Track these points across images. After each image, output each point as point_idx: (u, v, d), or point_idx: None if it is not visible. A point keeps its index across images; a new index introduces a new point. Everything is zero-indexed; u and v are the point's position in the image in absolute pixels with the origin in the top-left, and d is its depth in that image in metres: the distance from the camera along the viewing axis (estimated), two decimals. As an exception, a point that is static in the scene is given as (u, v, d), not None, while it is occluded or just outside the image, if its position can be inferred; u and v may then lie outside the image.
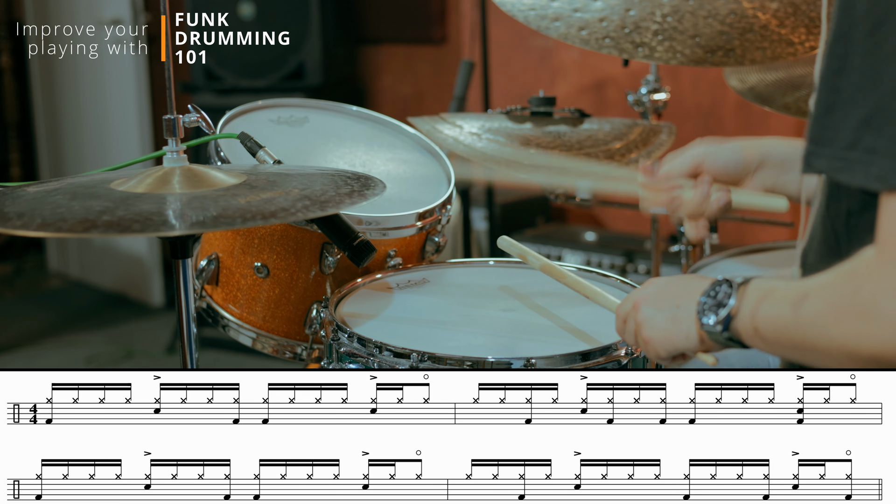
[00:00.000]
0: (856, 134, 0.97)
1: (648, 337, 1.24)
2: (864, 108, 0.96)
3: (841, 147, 0.98)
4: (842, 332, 0.98)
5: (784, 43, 1.95)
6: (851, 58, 0.98)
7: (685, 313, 1.19)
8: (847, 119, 0.98)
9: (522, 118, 2.12)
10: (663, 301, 1.23)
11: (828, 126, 1.00)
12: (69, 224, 1.24)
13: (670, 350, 1.22)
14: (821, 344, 1.01)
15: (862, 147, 0.96)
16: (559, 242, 3.66)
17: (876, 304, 0.94)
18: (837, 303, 0.98)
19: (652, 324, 1.23)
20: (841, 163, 0.98)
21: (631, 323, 1.27)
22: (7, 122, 5.40)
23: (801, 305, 1.02)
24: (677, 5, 1.98)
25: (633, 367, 1.42)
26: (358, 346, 1.44)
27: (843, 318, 0.97)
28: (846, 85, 0.98)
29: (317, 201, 1.36)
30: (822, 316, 1.00)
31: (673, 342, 1.21)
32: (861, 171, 0.97)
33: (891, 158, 0.94)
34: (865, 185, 0.97)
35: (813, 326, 1.01)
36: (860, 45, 0.97)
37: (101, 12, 4.65)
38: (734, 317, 1.11)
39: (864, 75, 0.97)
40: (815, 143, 1.01)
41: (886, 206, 0.96)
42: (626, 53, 1.92)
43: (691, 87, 3.72)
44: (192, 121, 1.57)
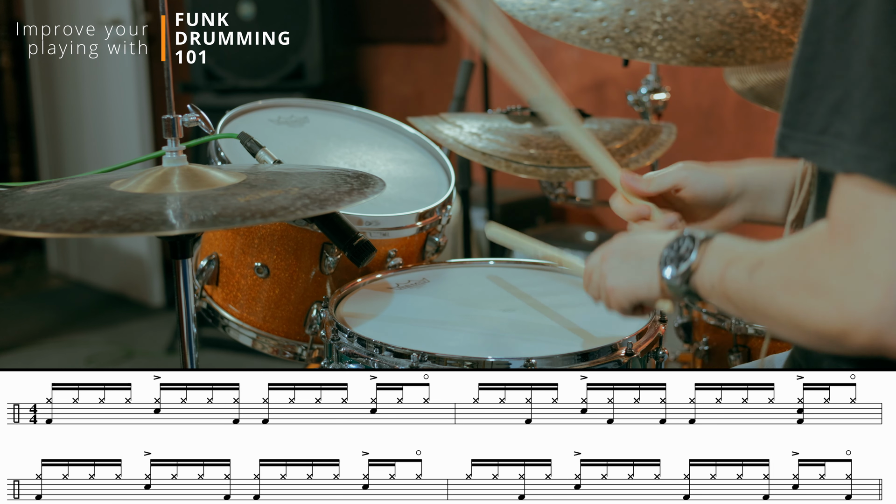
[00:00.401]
0: (827, 119, 0.99)
1: (612, 286, 1.27)
2: (835, 93, 0.99)
3: (813, 131, 1.01)
4: (790, 303, 1.01)
5: (784, 43, 1.95)
6: (824, 44, 1.00)
7: (648, 264, 1.21)
8: (820, 104, 1.00)
9: (522, 118, 2.12)
10: (629, 253, 1.26)
11: (801, 111, 1.02)
12: (69, 224, 1.24)
13: (632, 300, 1.26)
14: (769, 311, 1.04)
15: (832, 132, 0.99)
16: (559, 242, 3.66)
17: (825, 280, 0.97)
18: (789, 275, 1.01)
19: (616, 274, 1.26)
20: (813, 146, 1.01)
21: (597, 274, 1.31)
22: (7, 122, 5.40)
23: (756, 272, 1.05)
24: (677, 5, 1.98)
25: (633, 367, 1.42)
26: (358, 346, 1.44)
27: (793, 289, 1.00)
28: (819, 70, 1.00)
29: (316, 200, 1.36)
30: (774, 285, 1.03)
31: (635, 292, 1.24)
32: (830, 154, 0.99)
33: (851, 143, 0.97)
34: (832, 168, 1.00)
35: (764, 294, 1.04)
36: (832, 31, 0.99)
37: (101, 12, 4.65)
38: (694, 271, 1.14)
39: (835, 61, 0.99)
40: (789, 127, 1.04)
41: (840, 188, 0.98)
42: (626, 53, 1.92)
43: (691, 87, 3.72)
44: (192, 121, 1.57)
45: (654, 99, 2.36)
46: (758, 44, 1.95)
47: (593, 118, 2.16)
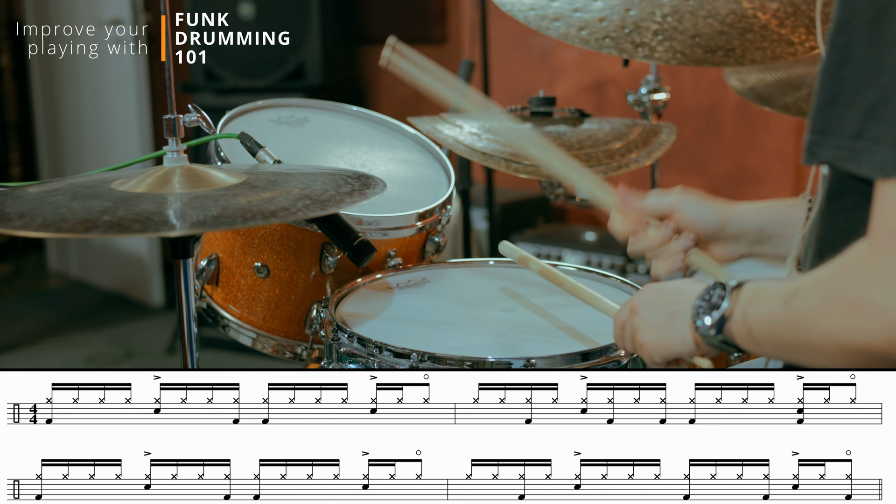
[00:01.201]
0: (861, 123, 0.97)
1: (644, 341, 1.24)
2: (868, 97, 0.97)
3: (846, 136, 0.98)
4: (832, 326, 0.98)
5: (784, 43, 1.95)
6: (854, 48, 0.98)
7: (680, 317, 1.19)
8: (852, 108, 0.98)
9: (522, 118, 2.12)
10: (659, 306, 1.23)
11: (832, 116, 1.00)
12: (70, 224, 1.24)
13: (665, 354, 1.23)
14: (812, 338, 1.01)
15: (867, 136, 0.96)
16: (559, 242, 3.66)
17: (867, 295, 0.94)
18: (828, 296, 0.99)
19: (648, 328, 1.23)
20: (847, 152, 0.98)
21: (628, 329, 1.28)
22: (7, 122, 5.40)
23: (793, 301, 1.03)
24: (677, 5, 1.97)
25: (633, 367, 1.42)
26: (358, 346, 1.44)
27: (834, 310, 0.98)
28: (849, 75, 0.98)
29: (317, 200, 1.36)
30: (813, 310, 1.00)
31: (668, 346, 1.22)
32: (866, 160, 0.97)
33: (891, 146, 0.95)
34: (869, 174, 0.97)
35: (804, 321, 1.01)
36: (863, 34, 0.97)
37: (101, 12, 4.65)
38: (728, 319, 1.11)
39: (867, 65, 0.97)
40: (818, 133, 1.01)
41: (881, 195, 0.96)
42: (626, 53, 1.92)
43: (691, 87, 3.72)
44: (193, 121, 1.57)
45: (654, 99, 2.36)
46: (758, 44, 1.95)
47: (593, 118, 2.16)
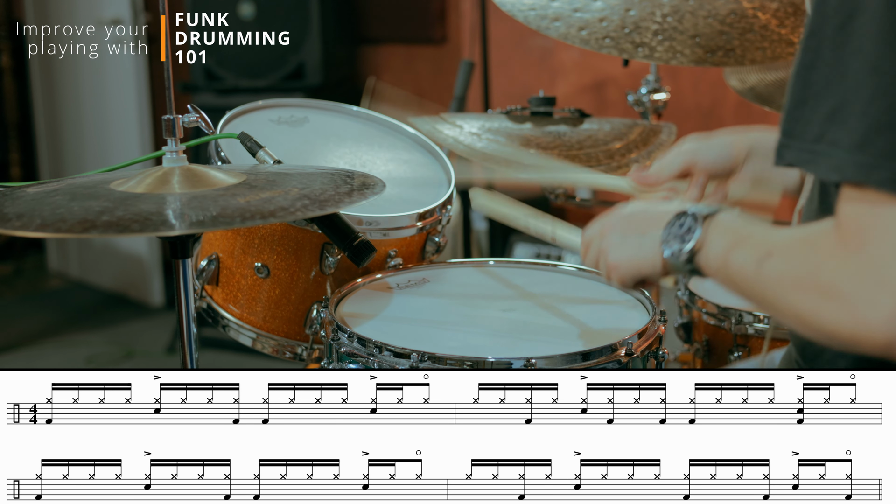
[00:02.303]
0: (822, 127, 0.99)
1: (614, 263, 1.27)
2: (830, 101, 0.99)
3: (809, 140, 1.01)
4: (799, 302, 1.01)
5: (784, 43, 1.95)
6: (822, 52, 1.00)
7: (650, 241, 1.21)
8: (816, 112, 1.00)
9: (522, 118, 2.12)
10: (630, 228, 1.26)
11: (798, 119, 1.02)
12: (69, 224, 1.24)
13: (635, 276, 1.26)
14: (779, 306, 1.04)
15: (827, 140, 0.99)
16: (559, 242, 3.65)
17: (837, 285, 0.97)
18: (799, 273, 1.01)
19: (618, 250, 1.26)
20: (808, 155, 1.01)
21: (595, 248, 1.30)
22: (7, 122, 5.40)
23: (765, 263, 1.05)
24: (677, 5, 1.97)
25: (633, 367, 1.42)
26: (358, 346, 1.44)
27: (803, 289, 1.00)
28: (816, 79, 1.00)
29: (316, 200, 1.36)
30: (783, 281, 1.03)
31: (638, 268, 1.24)
32: (824, 163, 0.99)
33: (848, 151, 0.97)
34: (827, 177, 1.00)
35: (773, 288, 1.04)
36: (830, 40, 0.99)
37: (101, 12, 4.65)
38: (697, 251, 1.14)
39: (832, 69, 0.99)
40: (786, 136, 1.04)
41: (846, 195, 0.98)
42: (626, 53, 1.92)
43: (691, 87, 3.72)
44: (192, 121, 1.57)
45: (654, 99, 2.36)
46: (758, 44, 1.95)
47: (593, 118, 2.16)
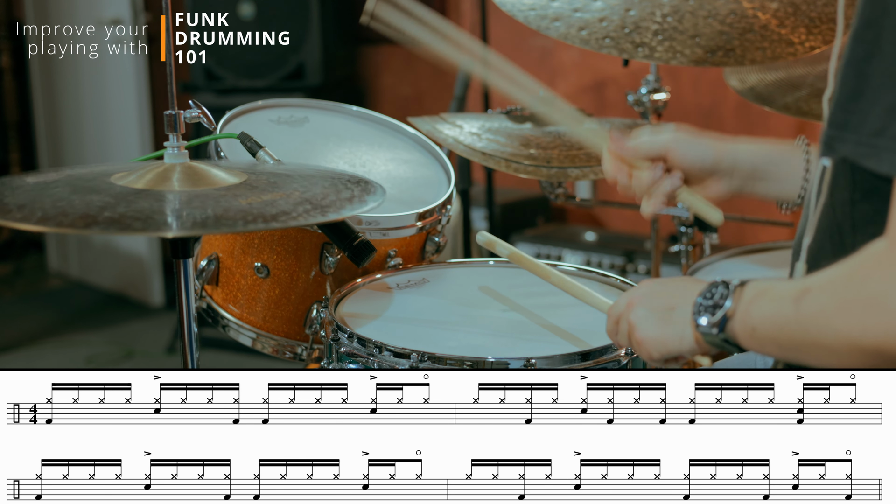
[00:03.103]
0: (884, 121, 0.96)
1: (641, 338, 1.23)
2: (893, 94, 0.95)
3: (867, 133, 0.97)
4: (846, 325, 0.97)
5: (784, 43, 1.95)
6: (882, 44, 0.96)
7: (680, 315, 1.18)
8: (875, 105, 0.97)
9: (522, 118, 2.12)
10: (658, 302, 1.23)
11: (854, 111, 0.99)
12: (70, 219, 1.23)
13: (664, 352, 1.22)
14: (822, 338, 1.00)
15: (890, 134, 0.95)
16: (559, 242, 3.66)
17: (883, 294, 0.93)
18: (843, 295, 0.97)
19: (645, 325, 1.22)
20: (867, 149, 0.98)
21: (624, 324, 1.27)
22: (7, 121, 5.40)
23: (803, 300, 1.01)
24: (677, 5, 1.98)
25: (633, 367, 1.42)
26: (358, 346, 1.44)
27: (849, 310, 0.96)
28: (876, 71, 0.97)
29: (318, 205, 1.36)
30: (826, 309, 0.99)
31: (666, 344, 1.21)
32: (888, 158, 0.96)
33: None
34: (890, 171, 0.96)
35: (815, 321, 1.00)
36: (892, 32, 0.96)
37: (101, 12, 4.65)
38: (730, 318, 1.11)
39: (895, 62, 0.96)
40: (839, 128, 1.00)
41: None
42: (626, 53, 1.92)
43: (691, 87, 3.72)
44: (193, 116, 1.57)
45: (654, 99, 2.36)
46: (758, 44, 1.95)
47: (593, 118, 2.16)
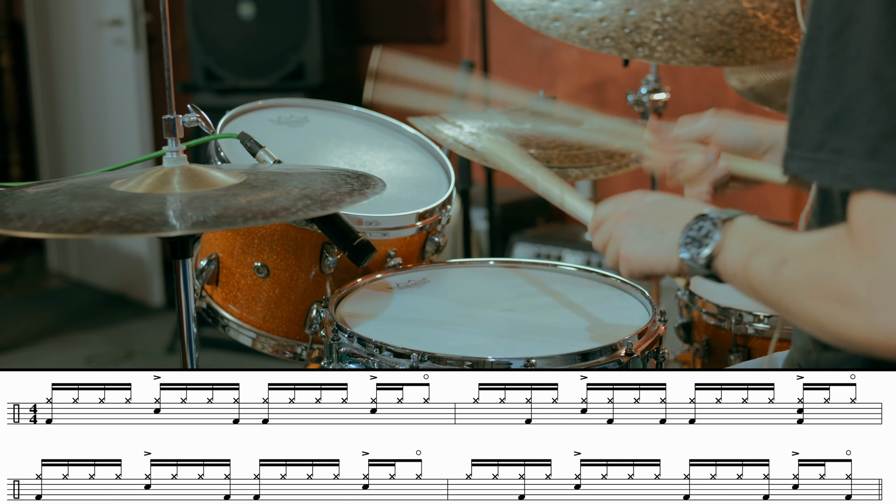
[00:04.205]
0: (822, 136, 0.99)
1: (627, 255, 1.25)
2: (829, 110, 0.99)
3: (809, 149, 1.01)
4: (816, 308, 1.00)
5: (784, 43, 1.95)
6: (818, 61, 1.00)
7: (668, 241, 1.20)
8: (814, 121, 1.00)
9: (522, 118, 2.11)
10: (648, 221, 1.24)
11: (798, 128, 1.02)
12: (70, 225, 1.24)
13: (646, 271, 1.25)
14: (796, 311, 1.04)
15: (828, 148, 0.98)
16: (559, 242, 3.66)
17: (852, 291, 0.96)
18: (815, 281, 1.01)
19: (633, 243, 1.24)
20: (810, 164, 1.01)
21: (608, 230, 1.29)
22: (7, 122, 5.40)
23: (781, 269, 1.04)
24: (677, 5, 1.98)
25: (633, 367, 1.42)
26: (358, 346, 1.44)
27: (820, 296, 1.00)
28: (813, 88, 1.00)
29: (317, 200, 1.36)
30: (800, 287, 1.02)
31: (651, 265, 1.23)
32: (828, 171, 0.99)
33: (858, 158, 0.96)
34: (832, 184, 1.00)
35: (790, 294, 1.04)
36: (825, 48, 0.99)
37: (101, 12, 4.65)
38: (716, 256, 1.13)
39: (829, 78, 0.99)
40: (790, 146, 1.04)
41: (858, 204, 0.97)
42: (626, 53, 1.92)
43: (691, 87, 3.72)
44: (192, 121, 1.57)
45: (654, 99, 2.36)
46: (758, 44, 1.95)
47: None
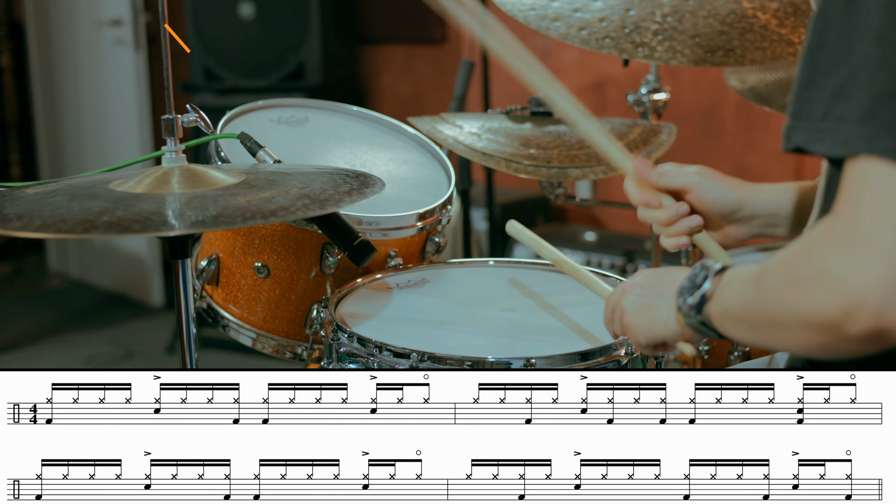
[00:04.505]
0: (828, 105, 0.98)
1: (629, 322, 1.25)
2: (837, 79, 0.97)
3: (815, 119, 0.99)
4: (795, 300, 0.98)
5: (784, 43, 1.95)
6: (829, 31, 0.99)
7: (666, 300, 1.20)
8: (822, 91, 0.99)
9: (522, 118, 2.12)
10: (649, 288, 1.24)
11: (806, 100, 1.01)
12: (69, 225, 1.24)
13: (650, 337, 1.23)
14: (779, 316, 1.01)
15: (833, 116, 0.97)
16: (559, 242, 3.65)
17: (825, 265, 0.94)
18: (792, 272, 0.99)
19: (634, 310, 1.24)
20: (814, 134, 0.99)
21: (618, 310, 1.28)
22: (7, 122, 5.40)
23: (762, 280, 1.04)
24: (677, 5, 1.97)
25: (633, 367, 1.42)
26: (358, 346, 1.44)
27: (797, 285, 0.98)
28: (823, 58, 0.99)
29: (316, 200, 1.36)
30: (779, 286, 1.01)
31: (652, 329, 1.22)
32: (829, 139, 0.97)
33: (854, 124, 0.95)
34: (832, 152, 0.98)
35: (771, 299, 1.02)
36: (836, 18, 0.98)
37: (101, 12, 4.64)
38: (708, 299, 1.12)
39: (838, 47, 0.98)
40: (794, 118, 1.02)
41: (847, 172, 0.96)
42: (626, 53, 1.92)
43: (691, 87, 3.72)
44: (191, 121, 1.57)
45: (654, 99, 2.36)
46: (758, 44, 1.95)
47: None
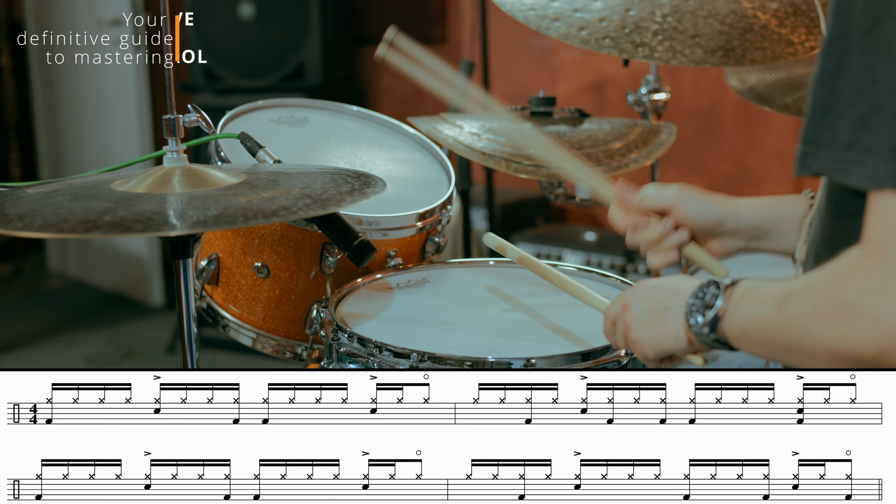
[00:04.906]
0: (853, 134, 0.97)
1: (636, 338, 1.24)
2: (861, 108, 0.97)
3: (838, 148, 0.99)
4: (824, 332, 0.98)
5: (784, 43, 1.95)
6: (849, 59, 0.98)
7: (673, 314, 1.19)
8: (844, 119, 0.98)
9: (522, 118, 2.11)
10: (652, 302, 1.23)
11: (825, 127, 1.00)
12: (70, 225, 1.24)
13: (658, 351, 1.23)
14: (803, 343, 1.01)
15: (859, 147, 0.97)
16: (559, 242, 3.66)
17: (859, 302, 0.94)
18: (821, 302, 0.98)
19: (640, 325, 1.24)
20: (838, 163, 0.99)
21: (620, 324, 1.28)
22: (7, 122, 5.40)
23: (786, 305, 1.03)
24: (677, 5, 1.97)
25: (633, 367, 1.42)
26: (358, 346, 1.44)
27: (827, 317, 0.97)
28: (843, 86, 0.98)
29: (318, 199, 1.36)
30: (806, 315, 1.00)
31: (660, 343, 1.22)
32: (857, 171, 0.97)
33: (882, 158, 0.95)
34: (860, 185, 0.97)
35: (796, 326, 1.01)
36: (857, 45, 0.97)
37: (101, 12, 4.64)
38: (721, 318, 1.12)
39: (861, 76, 0.97)
40: (811, 145, 1.02)
41: (874, 205, 0.96)
42: (626, 53, 1.92)
43: (691, 87, 3.72)
44: (192, 121, 1.57)
45: (654, 99, 2.36)
46: (758, 44, 1.95)
47: (593, 118, 2.16)
